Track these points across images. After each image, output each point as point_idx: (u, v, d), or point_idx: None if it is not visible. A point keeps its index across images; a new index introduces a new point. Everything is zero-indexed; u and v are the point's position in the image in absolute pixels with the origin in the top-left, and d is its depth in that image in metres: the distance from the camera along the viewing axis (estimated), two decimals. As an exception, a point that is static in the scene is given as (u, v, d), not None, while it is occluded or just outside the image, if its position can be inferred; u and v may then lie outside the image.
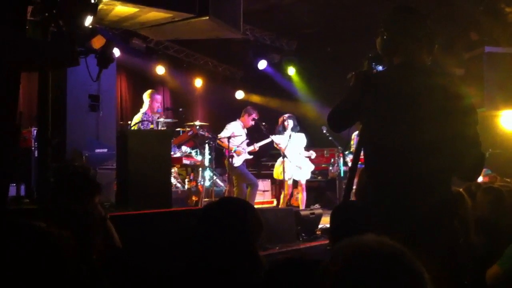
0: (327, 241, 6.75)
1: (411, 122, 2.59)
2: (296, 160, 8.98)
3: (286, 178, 8.94)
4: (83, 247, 2.16)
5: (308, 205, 9.31)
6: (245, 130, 8.98)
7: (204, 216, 2.22)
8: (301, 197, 9.23)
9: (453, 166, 2.61)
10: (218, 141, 8.84)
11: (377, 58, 2.95)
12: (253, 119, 8.86)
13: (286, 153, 8.75)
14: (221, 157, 9.48)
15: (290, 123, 8.98)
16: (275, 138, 8.96)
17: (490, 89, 9.30)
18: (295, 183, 9.34)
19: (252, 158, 10.99)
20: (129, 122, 8.54)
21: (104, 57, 4.57)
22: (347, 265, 1.18)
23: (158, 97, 8.43)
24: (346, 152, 9.26)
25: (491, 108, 8.96)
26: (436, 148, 2.56)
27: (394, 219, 2.49)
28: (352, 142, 9.16)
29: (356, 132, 8.89)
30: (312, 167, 9.43)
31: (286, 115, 9.20)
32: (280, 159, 9.05)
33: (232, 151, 8.62)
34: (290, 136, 8.93)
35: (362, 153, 3.04)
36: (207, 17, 5.88)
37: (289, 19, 10.71)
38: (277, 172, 9.29)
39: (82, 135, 7.10)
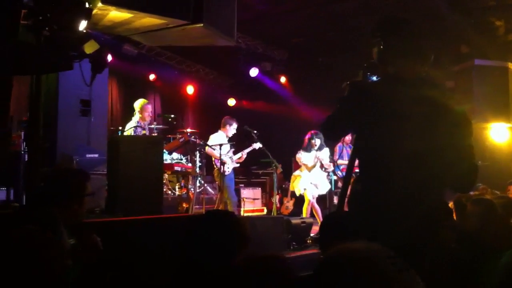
0: (317, 250, 6.75)
1: (403, 133, 2.59)
2: (313, 178, 8.96)
3: (298, 194, 9.12)
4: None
5: (298, 214, 9.29)
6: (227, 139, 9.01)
7: (189, 231, 2.24)
8: (314, 210, 9.05)
9: (444, 177, 2.63)
10: (208, 152, 8.84)
11: (371, 68, 2.96)
12: (235, 128, 8.91)
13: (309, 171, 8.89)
14: (211, 164, 9.49)
15: (317, 142, 8.81)
16: (302, 156, 8.97)
17: (479, 101, 9.35)
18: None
19: (243, 166, 10.99)
20: (120, 128, 8.53)
21: (98, 62, 4.55)
22: (337, 272, 1.19)
23: (149, 107, 8.44)
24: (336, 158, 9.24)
25: (480, 121, 9.01)
26: (427, 159, 2.57)
27: (383, 228, 2.49)
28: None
29: (340, 144, 8.97)
30: (328, 186, 9.26)
31: (313, 132, 8.94)
32: (297, 172, 9.13)
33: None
34: (316, 154, 8.87)
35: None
36: (201, 25, 5.88)
37: (281, 29, 10.76)
38: (292, 185, 9.32)
39: (73, 140, 7.06)
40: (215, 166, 8.83)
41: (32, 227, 1.58)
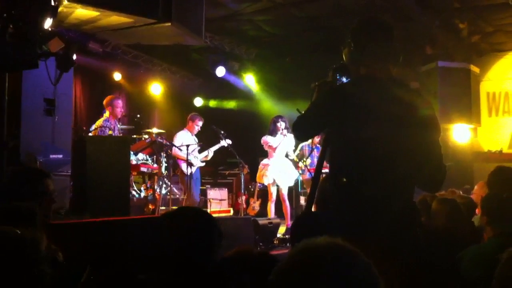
0: (285, 251, 6.77)
1: (375, 134, 2.61)
2: (278, 163, 8.71)
3: (266, 183, 8.76)
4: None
5: (264, 214, 9.21)
6: (195, 138, 8.93)
7: (163, 226, 2.19)
8: (283, 208, 8.82)
9: (414, 177, 2.66)
10: (173, 153, 8.77)
11: (341, 69, 2.96)
12: (197, 125, 8.86)
13: (274, 155, 8.65)
14: (177, 165, 9.37)
15: (282, 125, 8.57)
16: (268, 139, 8.69)
17: (443, 102, 9.56)
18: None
19: (209, 166, 10.93)
20: (84, 128, 8.36)
21: (65, 60, 4.46)
22: (295, 265, 1.20)
23: (119, 102, 8.18)
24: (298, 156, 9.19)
25: (445, 121, 9.18)
26: (398, 160, 2.60)
27: (360, 228, 2.51)
28: (299, 152, 9.24)
29: (305, 143, 8.97)
30: (296, 174, 9.01)
31: (277, 116, 8.84)
32: (265, 161, 8.86)
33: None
34: (282, 137, 8.60)
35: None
36: (170, 23, 5.84)
37: (250, 28, 10.73)
38: (259, 175, 8.94)
39: (37, 139, 6.89)
40: (180, 167, 8.74)
41: (10, 228, 1.53)
